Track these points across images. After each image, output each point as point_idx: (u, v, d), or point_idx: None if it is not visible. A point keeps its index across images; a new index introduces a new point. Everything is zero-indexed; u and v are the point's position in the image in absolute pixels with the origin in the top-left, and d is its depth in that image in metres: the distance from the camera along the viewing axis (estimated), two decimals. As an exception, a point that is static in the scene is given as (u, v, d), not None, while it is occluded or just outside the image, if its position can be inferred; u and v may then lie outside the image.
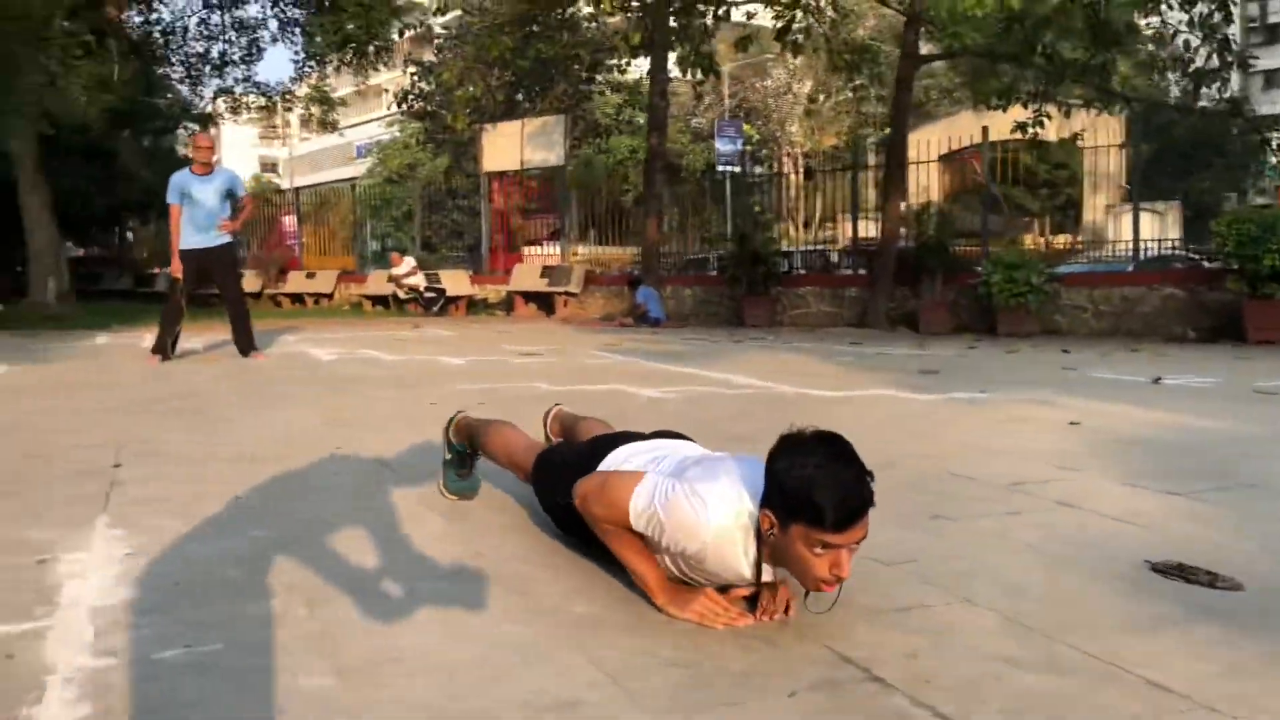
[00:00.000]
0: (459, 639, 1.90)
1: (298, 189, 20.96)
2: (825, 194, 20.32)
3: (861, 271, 13.52)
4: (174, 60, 17.29)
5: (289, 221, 21.08)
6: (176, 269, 7.39)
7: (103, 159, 21.13)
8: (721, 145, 23.50)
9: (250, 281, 19.27)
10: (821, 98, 26.44)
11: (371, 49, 15.41)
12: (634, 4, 11.48)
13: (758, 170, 26.18)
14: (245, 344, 7.63)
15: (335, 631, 1.93)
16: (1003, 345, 9.19)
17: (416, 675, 1.73)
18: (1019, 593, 2.18)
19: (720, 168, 22.06)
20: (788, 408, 4.98)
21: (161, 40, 16.71)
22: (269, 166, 65.32)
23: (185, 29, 17.01)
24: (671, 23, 12.76)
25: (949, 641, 1.91)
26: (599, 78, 20.50)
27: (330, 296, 18.55)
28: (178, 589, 2.17)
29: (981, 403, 5.12)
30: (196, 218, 7.31)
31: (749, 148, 29.22)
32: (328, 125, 17.76)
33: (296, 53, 15.89)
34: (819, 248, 17.06)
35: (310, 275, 19.06)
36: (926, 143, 14.60)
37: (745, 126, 27.05)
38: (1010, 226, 22.37)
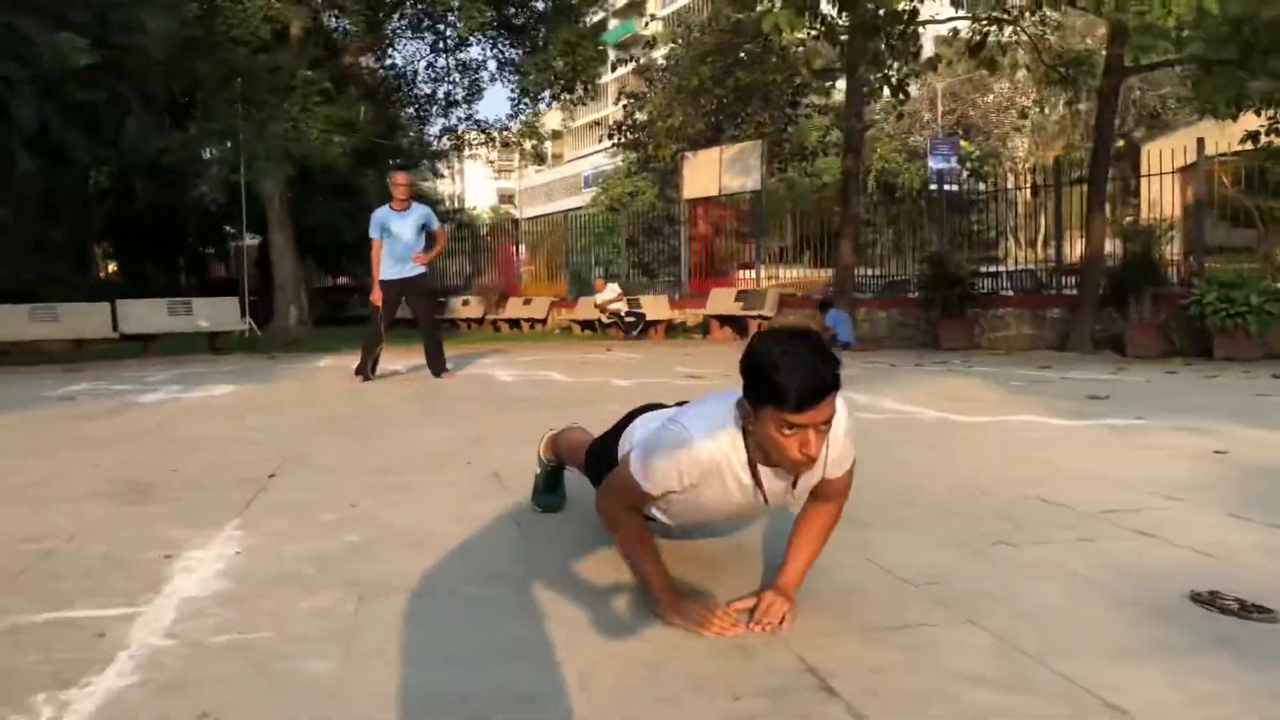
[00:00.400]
0: (466, 635, 2.10)
1: (516, 220, 22.18)
2: (1048, 211, 19.34)
3: (1071, 291, 12.82)
4: (405, 102, 18.82)
5: (518, 250, 22.32)
6: (377, 298, 8.11)
7: (350, 195, 23.18)
8: (935, 163, 22.82)
9: (474, 308, 20.62)
10: (1045, 110, 25.14)
11: (579, 85, 16.20)
12: (819, 27, 11.43)
13: (980, 187, 25.24)
14: (437, 366, 8.25)
15: (365, 624, 2.18)
16: (1211, 370, 8.50)
17: (411, 664, 1.94)
18: (1028, 617, 2.15)
19: (933, 186, 21.49)
20: (914, 433, 4.91)
21: (394, 84, 18.22)
22: (506, 198, 69.18)
23: (415, 72, 18.52)
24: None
25: (923, 659, 1.93)
26: (803, 101, 20.50)
27: (544, 322, 19.46)
28: (261, 583, 2.50)
29: (1130, 429, 4.84)
30: (395, 250, 8.00)
31: (970, 164, 28.22)
32: (540, 158, 18.72)
33: (512, 91, 16.93)
34: (1028, 267, 16.26)
35: (527, 302, 20.09)
36: (1167, 152, 13.55)
37: (963, 143, 26.16)
38: (1264, 241, 20.47)
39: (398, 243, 7.99)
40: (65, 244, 22.04)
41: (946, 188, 21.03)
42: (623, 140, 21.61)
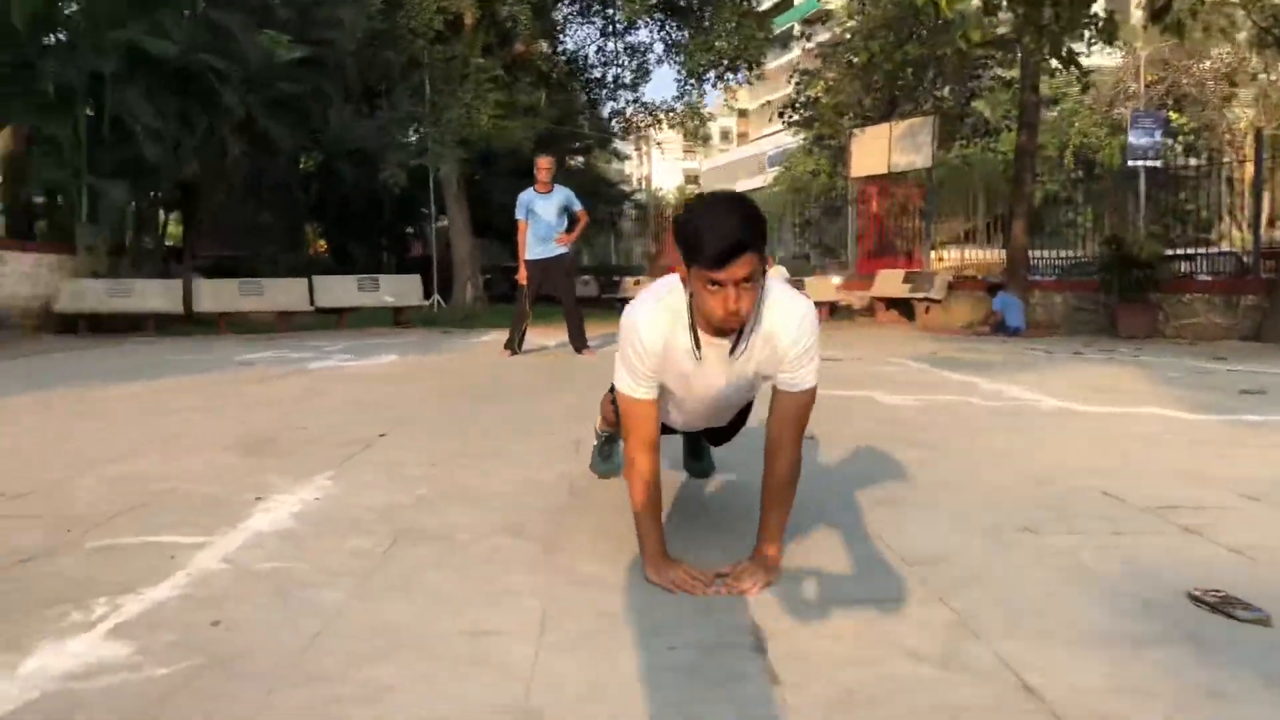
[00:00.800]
0: (464, 579, 2.33)
1: (688, 201, 22.37)
2: (1274, 187, 17.83)
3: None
4: (578, 87, 19.35)
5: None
6: (523, 277, 8.52)
7: (532, 178, 24.04)
8: (1135, 138, 21.47)
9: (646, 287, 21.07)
10: (1270, 76, 23.02)
11: (744, 65, 16.24)
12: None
13: (1191, 163, 23.50)
14: (578, 342, 8.59)
15: (388, 565, 2.44)
16: None
17: (402, 601, 2.18)
18: (1005, 601, 2.17)
19: (1131, 162, 20.25)
20: (1019, 420, 4.80)
21: (566, 69, 18.77)
22: (691, 179, 69.54)
23: (585, 57, 19.00)
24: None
25: (872, 631, 2.00)
26: (985, 75, 19.67)
27: (713, 301, 19.61)
28: (321, 525, 2.81)
29: (1261, 426, 4.55)
30: (538, 231, 8.38)
31: (1182, 138, 26.27)
32: (703, 139, 18.85)
33: (679, 73, 17.14)
34: (1230, 250, 15.10)
35: (696, 281, 20.31)
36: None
37: (1173, 115, 24.38)
38: None
39: (541, 223, 8.36)
40: (276, 225, 23.97)
41: (1148, 163, 19.78)
42: (794, 118, 21.45)
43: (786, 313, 2.24)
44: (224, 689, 1.70)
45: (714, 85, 17.38)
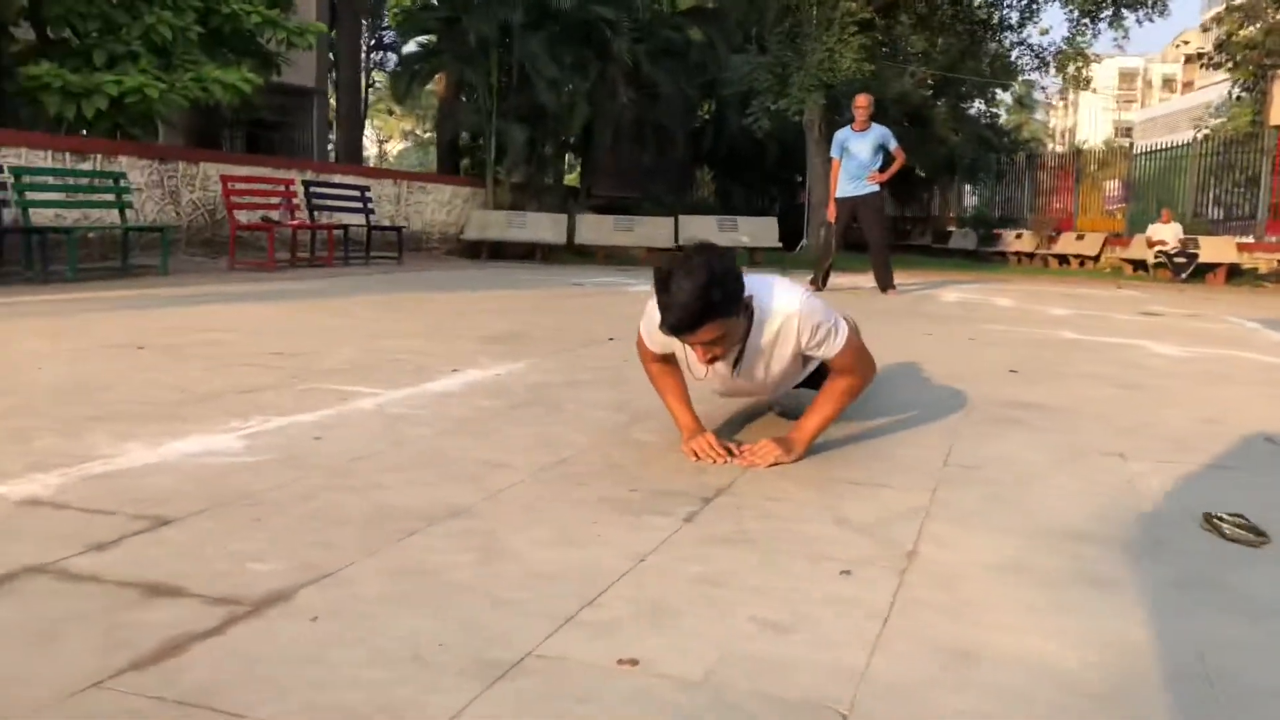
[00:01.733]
0: (530, 431, 2.72)
1: (1078, 150, 20.57)
2: None
3: None
4: (960, 29, 18.39)
5: (1110, 185, 20.75)
6: (831, 214, 8.62)
7: (920, 125, 23.38)
8: None
9: (1026, 242, 19.84)
10: None
11: (1140, 2, 14.59)
12: None
13: None
14: (884, 281, 8.56)
15: (485, 419, 2.90)
16: None
17: (466, 439, 2.62)
18: (994, 500, 2.20)
19: None
20: (1256, 374, 4.26)
21: (950, 10, 17.92)
22: (1123, 130, 63.19)
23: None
24: None
25: (823, 500, 2.15)
26: None
27: (1096, 259, 18.10)
28: (476, 391, 3.34)
29: None
30: (850, 169, 8.41)
31: None
32: (1082, 84, 17.18)
33: (1069, 13, 15.72)
34: None
35: (1079, 237, 18.81)
36: None
37: None
38: None
39: (854, 162, 8.38)
40: (668, 168, 25.48)
41: None
42: (1213, 60, 18.84)
43: (781, 323, 2.36)
44: (272, 473, 2.23)
45: (1110, 24, 15.80)
